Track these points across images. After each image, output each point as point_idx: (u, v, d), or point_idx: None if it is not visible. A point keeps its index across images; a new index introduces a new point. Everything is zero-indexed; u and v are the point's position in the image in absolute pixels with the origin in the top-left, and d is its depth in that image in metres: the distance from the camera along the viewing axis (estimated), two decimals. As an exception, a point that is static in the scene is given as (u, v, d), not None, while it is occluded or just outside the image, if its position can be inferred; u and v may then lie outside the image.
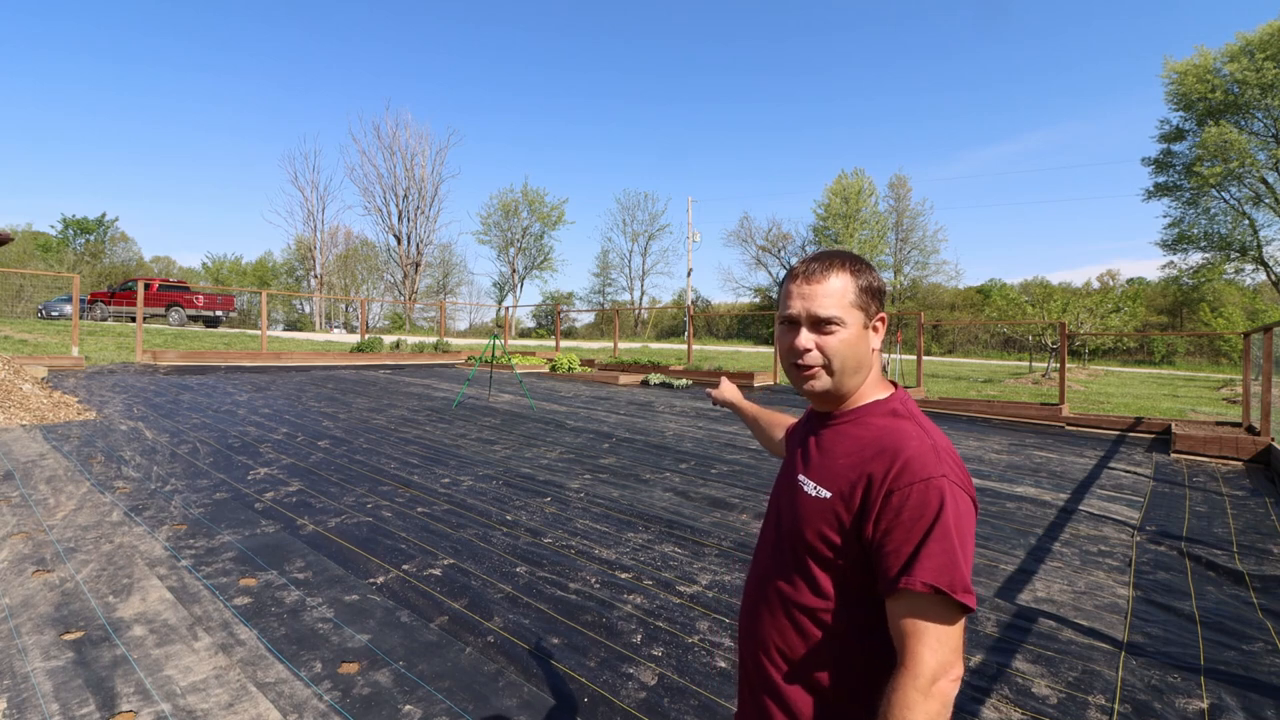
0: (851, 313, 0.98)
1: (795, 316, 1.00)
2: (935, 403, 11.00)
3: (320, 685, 2.24)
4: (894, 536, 0.87)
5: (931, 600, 0.84)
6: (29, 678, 2.23)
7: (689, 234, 42.99)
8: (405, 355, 18.06)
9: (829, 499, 0.95)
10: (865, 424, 1.00)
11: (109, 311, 24.95)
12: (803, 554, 0.97)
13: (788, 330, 1.02)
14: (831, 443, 1.01)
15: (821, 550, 0.95)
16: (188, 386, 10.13)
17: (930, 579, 0.83)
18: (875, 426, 0.98)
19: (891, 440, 0.93)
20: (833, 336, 0.98)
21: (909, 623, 0.85)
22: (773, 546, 1.06)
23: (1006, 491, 5.31)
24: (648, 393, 12.25)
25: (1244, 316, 25.68)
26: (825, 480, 0.97)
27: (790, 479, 1.06)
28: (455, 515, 4.23)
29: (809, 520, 0.96)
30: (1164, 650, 2.68)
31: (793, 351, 1.00)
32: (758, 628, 1.04)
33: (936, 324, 20.81)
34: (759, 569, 1.08)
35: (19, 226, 43.50)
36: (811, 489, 0.98)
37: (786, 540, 1.01)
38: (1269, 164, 29.77)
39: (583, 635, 2.67)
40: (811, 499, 0.97)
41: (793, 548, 0.99)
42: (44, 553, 3.37)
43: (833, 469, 0.97)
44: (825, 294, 0.98)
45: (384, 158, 50.29)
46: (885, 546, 0.88)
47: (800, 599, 0.97)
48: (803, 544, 0.97)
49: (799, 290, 1.00)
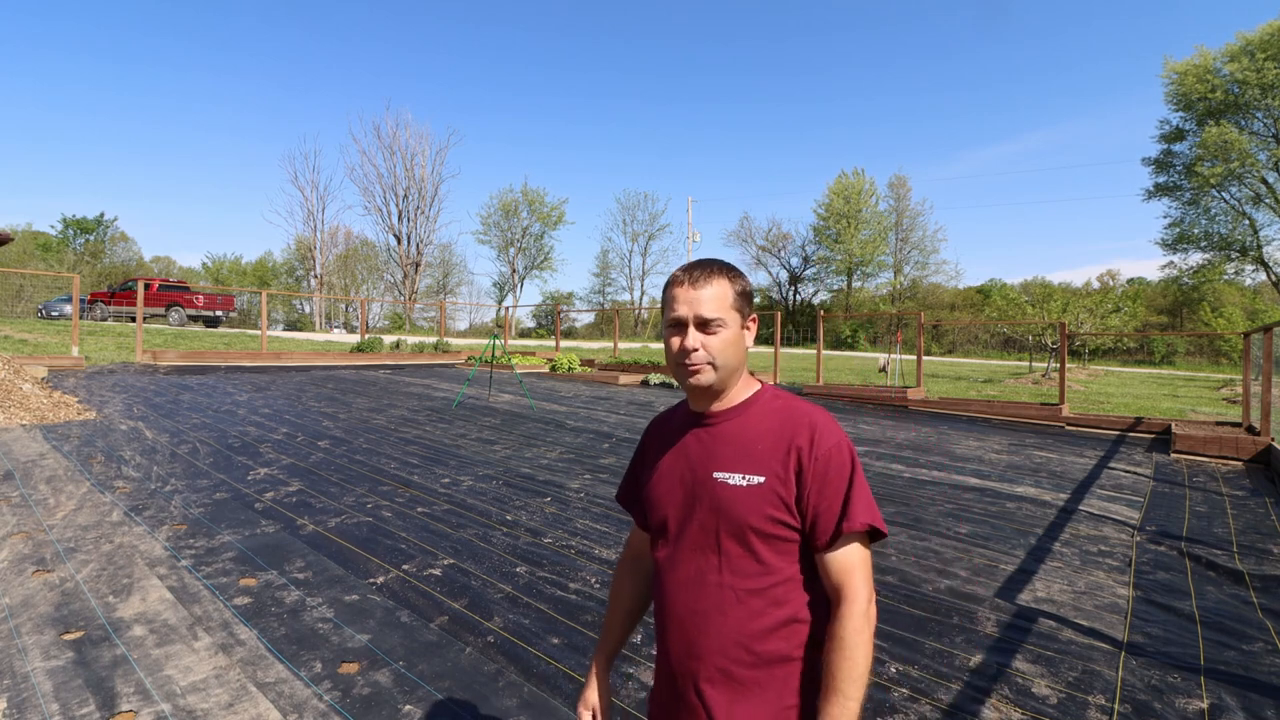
0: (731, 314, 1.08)
1: (683, 319, 1.07)
2: (935, 403, 10.99)
3: (320, 685, 2.24)
4: (826, 494, 1.01)
5: (863, 537, 1.03)
6: (29, 677, 2.23)
7: (689, 234, 42.99)
8: (405, 355, 18.06)
9: (764, 483, 1.03)
10: (762, 413, 1.10)
11: (109, 311, 24.93)
12: (749, 540, 1.03)
13: (675, 332, 1.09)
14: (734, 435, 1.09)
15: (771, 530, 1.03)
16: (188, 386, 10.13)
17: (865, 519, 1.01)
18: (775, 410, 1.09)
19: (802, 416, 1.07)
20: (716, 336, 1.06)
21: (848, 562, 1.01)
22: (698, 549, 1.07)
23: (1006, 491, 5.31)
24: (648, 393, 12.25)
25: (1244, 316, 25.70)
26: (751, 468, 1.04)
27: (694, 479, 1.09)
28: (455, 515, 4.23)
29: (749, 508, 1.03)
30: (1164, 650, 2.68)
31: (682, 351, 1.07)
32: (705, 636, 1.04)
33: (936, 324, 20.83)
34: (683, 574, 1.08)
35: (19, 226, 43.56)
36: (740, 480, 1.04)
37: (724, 535, 1.05)
38: (1269, 164, 29.77)
39: (583, 635, 2.67)
40: (744, 489, 1.04)
41: (737, 538, 1.04)
42: (44, 553, 3.37)
43: (754, 455, 1.05)
44: (709, 298, 1.07)
45: (384, 158, 50.31)
46: (820, 505, 1.01)
47: (752, 584, 1.03)
48: (748, 531, 1.03)
49: (684, 295, 1.07)
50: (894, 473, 5.89)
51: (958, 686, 2.36)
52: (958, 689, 2.35)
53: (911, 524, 4.34)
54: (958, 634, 2.78)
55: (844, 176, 51.10)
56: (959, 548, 3.90)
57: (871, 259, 51.18)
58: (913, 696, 2.29)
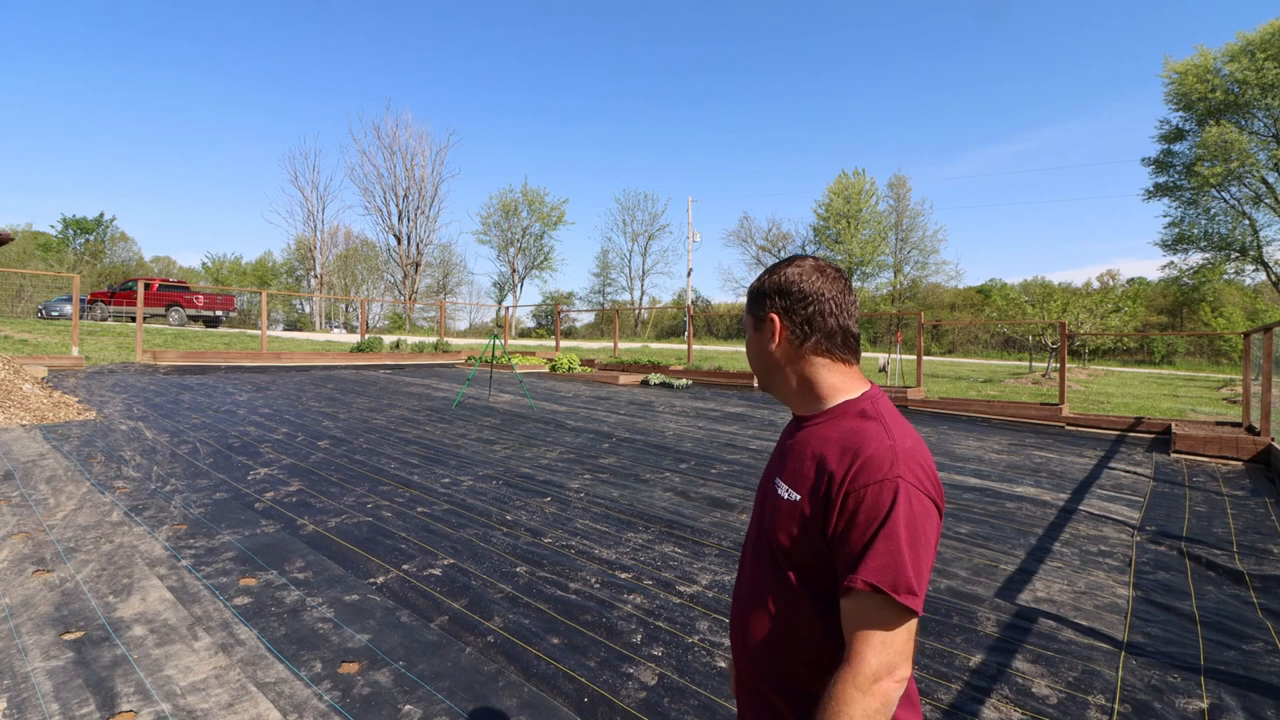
0: (749, 319, 1.09)
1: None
2: (935, 403, 10.99)
3: (320, 685, 2.24)
4: (849, 537, 0.88)
5: (872, 600, 0.84)
6: (29, 678, 2.23)
7: (689, 234, 42.97)
8: (405, 355, 18.06)
9: (798, 501, 0.96)
10: (836, 425, 1.00)
11: (109, 311, 24.94)
12: (777, 556, 0.99)
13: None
14: (803, 445, 1.02)
15: (790, 551, 0.96)
16: (188, 386, 10.13)
17: (871, 578, 0.84)
18: (845, 427, 0.99)
19: (853, 441, 0.94)
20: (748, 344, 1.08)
21: (855, 621, 0.86)
22: (754, 550, 1.07)
23: (1006, 491, 5.31)
24: (648, 393, 12.25)
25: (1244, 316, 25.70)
26: (795, 482, 0.98)
27: (766, 484, 1.08)
28: (455, 515, 4.23)
29: (781, 522, 0.98)
30: (1164, 650, 2.68)
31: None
32: (744, 632, 1.04)
33: (936, 324, 20.82)
34: (743, 573, 1.09)
35: (19, 226, 43.53)
36: (784, 491, 0.99)
37: (764, 543, 1.02)
38: (1269, 164, 29.76)
39: (583, 635, 2.67)
40: (784, 501, 0.98)
41: (770, 550, 1.00)
42: (44, 553, 3.37)
43: (800, 471, 0.98)
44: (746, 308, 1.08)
45: (384, 158, 50.37)
46: (840, 547, 0.89)
47: (778, 601, 0.98)
48: (776, 546, 0.98)
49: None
50: (894, 473, 5.88)
51: (958, 686, 2.36)
52: (958, 689, 2.35)
53: (911, 524, 4.33)
54: (958, 634, 2.78)
55: (844, 176, 51.07)
56: (959, 547, 3.90)
57: (871, 259, 51.14)
58: (913, 696, 2.28)
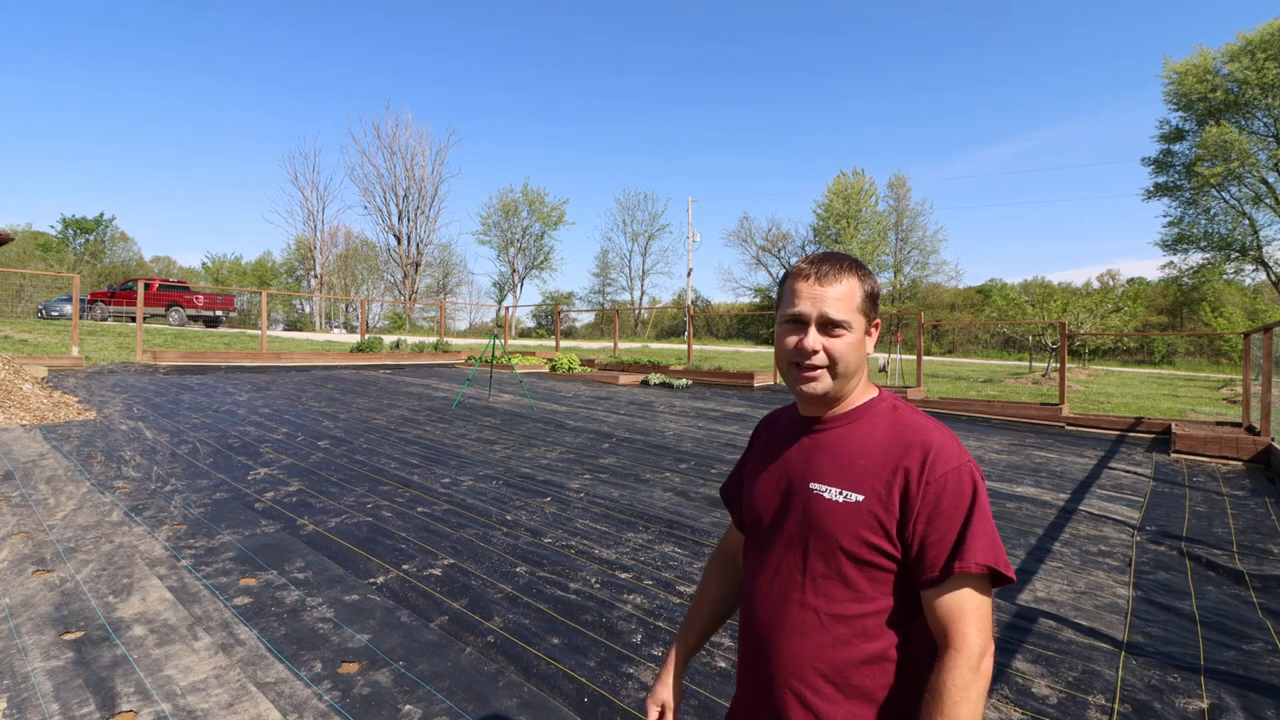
0: (857, 317, 1.00)
1: (805, 316, 0.99)
2: (935, 403, 10.99)
3: (320, 685, 2.24)
4: (937, 525, 0.90)
5: (982, 580, 0.89)
6: (29, 678, 2.23)
7: (689, 234, 43.00)
8: (405, 355, 18.06)
9: (862, 502, 0.94)
10: (872, 423, 1.00)
11: (109, 311, 24.94)
12: (839, 562, 0.95)
13: (793, 329, 1.00)
14: (839, 445, 1.00)
15: (864, 554, 0.94)
16: (188, 386, 10.13)
17: (983, 559, 0.88)
18: (888, 423, 0.99)
19: (916, 434, 0.96)
20: (840, 340, 0.98)
21: (957, 606, 0.88)
22: (785, 563, 1.01)
23: (1006, 491, 5.31)
24: (648, 393, 12.25)
25: (1244, 316, 25.68)
26: (851, 484, 0.96)
27: (790, 488, 1.03)
28: (455, 515, 4.23)
29: (843, 526, 0.95)
30: (1164, 650, 2.68)
31: (799, 351, 0.99)
32: (782, 655, 0.98)
33: (936, 324, 20.83)
34: (769, 590, 1.02)
35: (19, 226, 43.51)
36: (837, 495, 0.96)
37: (813, 552, 0.97)
38: (1269, 164, 29.76)
39: (583, 635, 2.67)
40: (840, 505, 0.95)
41: (825, 558, 0.96)
42: (44, 553, 3.37)
43: (856, 471, 0.96)
44: (837, 297, 0.98)
45: (384, 158, 50.27)
46: (930, 536, 0.90)
47: (839, 609, 0.95)
48: (840, 551, 0.95)
49: (809, 291, 0.99)
50: (894, 473, 5.88)
51: (958, 686, 2.36)
52: (958, 689, 2.34)
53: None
54: (958, 634, 2.77)
55: (844, 177, 51.07)
56: (959, 548, 3.89)
57: (871, 259, 51.14)
58: (913, 696, 2.28)
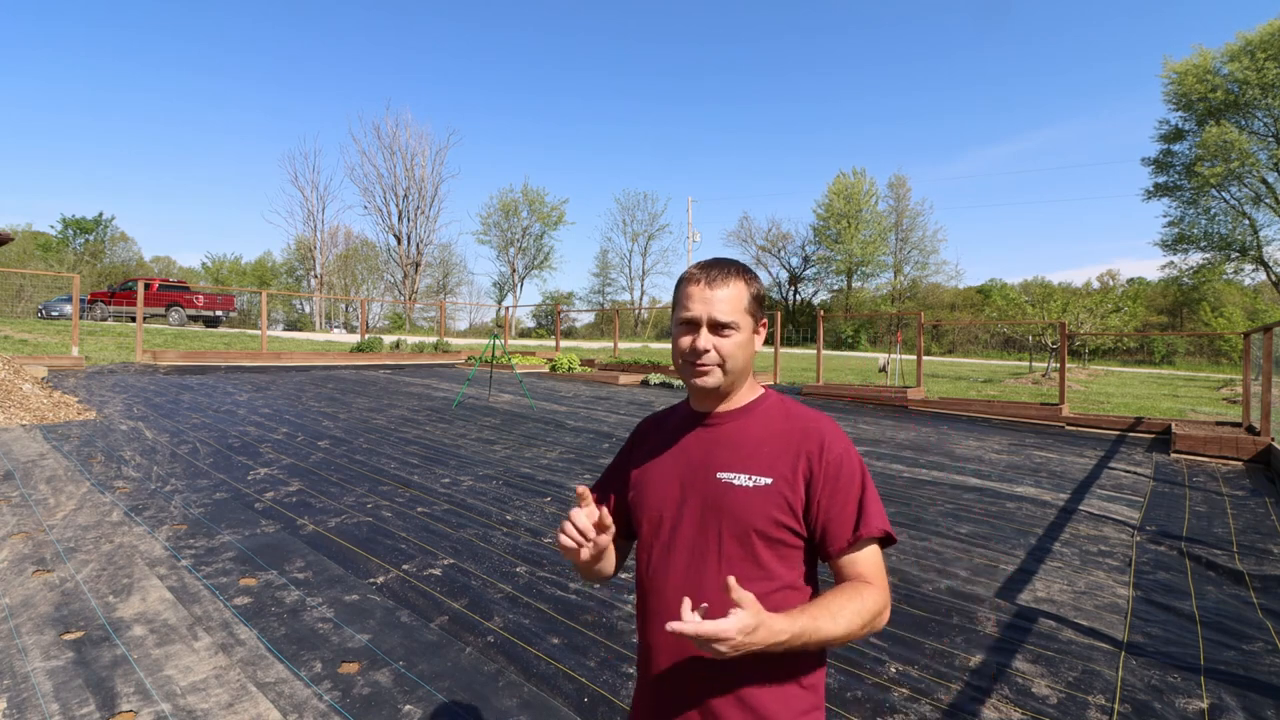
0: (745, 318, 1.08)
1: (696, 319, 1.07)
2: (935, 403, 10.99)
3: (320, 685, 2.24)
4: (837, 500, 1.03)
5: (878, 543, 1.04)
6: (29, 678, 2.23)
7: (689, 234, 42.98)
8: (405, 355, 18.06)
9: (771, 485, 1.03)
10: (768, 415, 1.11)
11: (109, 311, 24.93)
12: (752, 542, 1.03)
13: (687, 330, 1.08)
14: (738, 436, 1.09)
15: (774, 533, 1.03)
16: (188, 386, 10.13)
17: (880, 524, 1.03)
18: (781, 415, 1.11)
19: (810, 423, 1.08)
20: (729, 339, 1.07)
21: (865, 567, 1.02)
22: (696, 551, 1.05)
23: (1006, 491, 5.31)
24: (648, 393, 12.25)
25: (1244, 316, 25.70)
26: (759, 470, 1.04)
27: (692, 479, 1.08)
28: (455, 515, 4.23)
29: (757, 510, 1.03)
30: (1164, 650, 2.68)
31: (692, 351, 1.07)
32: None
33: (936, 324, 20.83)
34: (684, 577, 1.05)
35: (19, 226, 43.50)
36: (747, 480, 1.04)
37: (726, 536, 1.03)
38: (1269, 164, 29.76)
39: (583, 635, 2.67)
40: (751, 490, 1.03)
41: (739, 540, 1.03)
42: (44, 553, 3.36)
43: (761, 458, 1.05)
44: (725, 299, 1.06)
45: (384, 158, 50.23)
46: (832, 510, 1.02)
47: (750, 588, 0.96)
48: (752, 533, 1.03)
49: (700, 295, 1.07)
50: (894, 473, 5.89)
51: (958, 686, 2.36)
52: (958, 689, 2.35)
53: (912, 524, 4.34)
54: (958, 634, 2.78)
55: (844, 177, 51.10)
56: (959, 548, 3.90)
57: (871, 259, 51.16)
58: (913, 696, 2.28)
